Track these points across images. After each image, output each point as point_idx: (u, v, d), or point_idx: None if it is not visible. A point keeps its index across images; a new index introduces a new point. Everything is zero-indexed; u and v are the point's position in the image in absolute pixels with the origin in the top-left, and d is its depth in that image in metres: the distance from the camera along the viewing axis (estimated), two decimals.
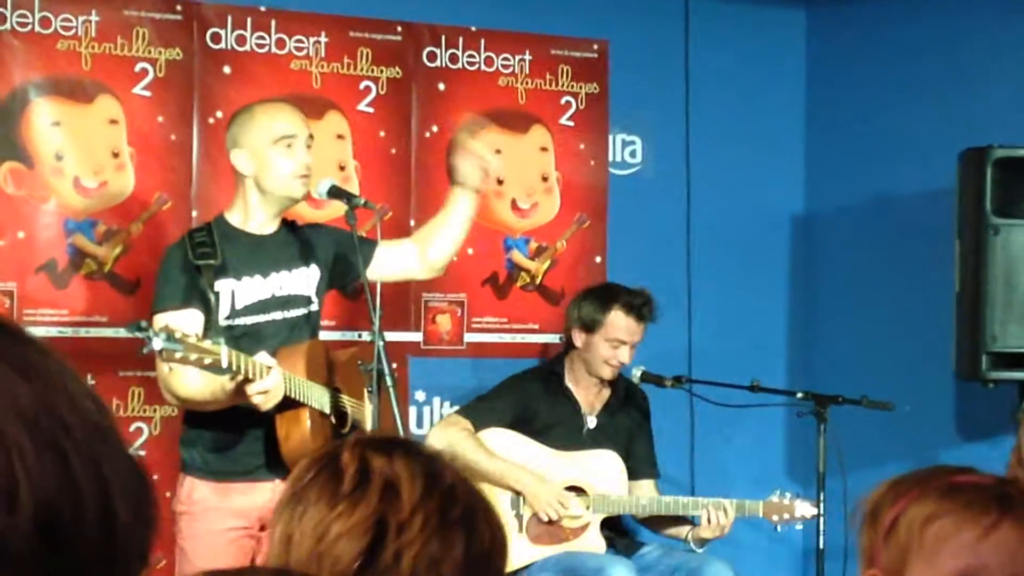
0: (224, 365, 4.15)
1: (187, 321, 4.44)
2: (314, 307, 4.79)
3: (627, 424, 5.85)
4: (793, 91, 6.87)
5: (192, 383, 4.38)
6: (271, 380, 4.30)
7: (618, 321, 5.70)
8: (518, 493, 5.59)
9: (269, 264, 4.69)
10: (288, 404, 4.41)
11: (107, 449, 0.86)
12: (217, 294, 4.58)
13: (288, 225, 4.81)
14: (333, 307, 5.62)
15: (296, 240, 4.80)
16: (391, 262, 4.93)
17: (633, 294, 5.78)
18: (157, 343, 4.02)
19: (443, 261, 5.03)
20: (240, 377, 4.24)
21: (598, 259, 6.48)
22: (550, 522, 5.60)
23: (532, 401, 5.73)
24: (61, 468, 0.82)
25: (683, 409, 6.40)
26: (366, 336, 5.65)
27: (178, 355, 4.06)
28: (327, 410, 4.62)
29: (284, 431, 4.46)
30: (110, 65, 5.64)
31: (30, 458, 0.80)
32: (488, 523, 1.75)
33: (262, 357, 4.35)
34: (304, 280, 4.76)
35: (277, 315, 4.68)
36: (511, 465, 5.58)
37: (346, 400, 4.76)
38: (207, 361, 4.11)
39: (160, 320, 4.44)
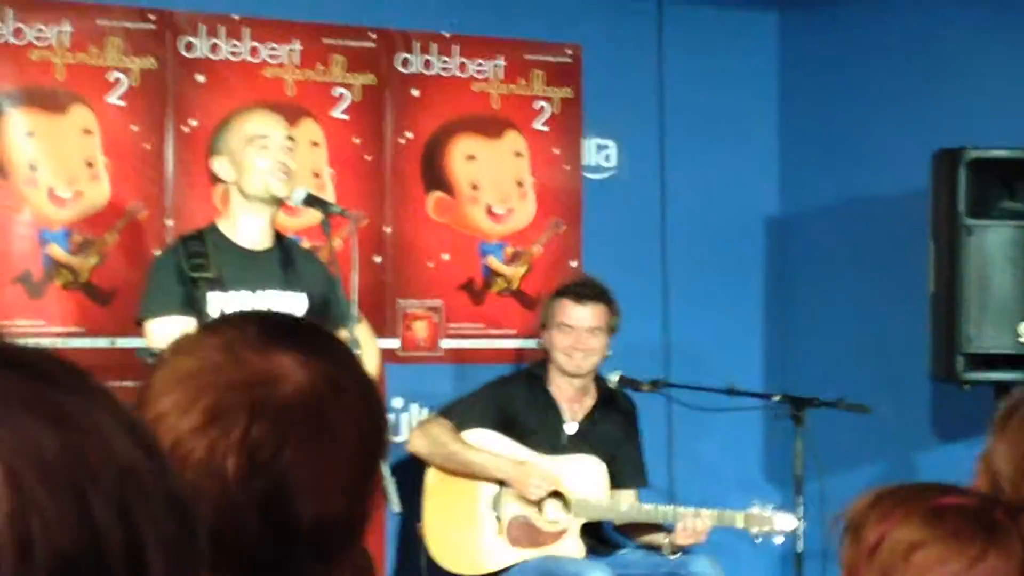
0: None
1: (182, 329, 4.44)
2: None
3: (611, 432, 5.84)
4: (766, 94, 6.89)
5: None
6: None
7: (560, 306, 5.73)
8: (501, 482, 5.60)
9: (261, 281, 4.69)
10: None
11: (141, 492, 0.83)
12: (209, 308, 4.57)
13: (281, 243, 4.82)
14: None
15: (289, 262, 4.80)
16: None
17: (576, 281, 5.83)
18: None
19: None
20: None
21: (574, 263, 6.49)
22: (529, 526, 5.61)
23: (513, 404, 5.73)
24: (82, 518, 0.80)
25: (660, 413, 6.41)
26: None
27: None
28: None
29: None
30: (83, 75, 5.62)
31: (47, 509, 0.79)
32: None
33: None
34: (292, 304, 4.76)
35: None
36: (493, 455, 5.59)
37: None
38: None
39: (153, 328, 4.45)
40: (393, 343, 6.11)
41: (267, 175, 4.64)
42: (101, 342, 5.57)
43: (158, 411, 1.54)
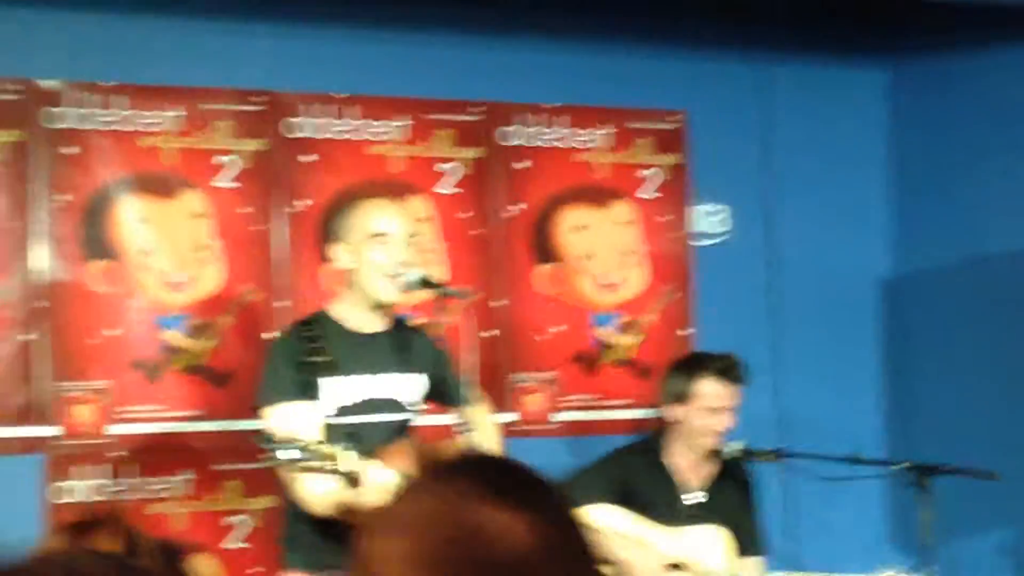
0: (344, 471, 4.15)
1: (302, 414, 4.42)
2: (415, 416, 4.74)
3: (730, 501, 5.76)
4: (876, 152, 6.81)
5: (317, 491, 4.36)
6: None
7: (708, 388, 5.63)
8: (617, 564, 5.53)
9: (376, 364, 4.65)
10: None
11: None
12: (322, 392, 4.53)
13: (395, 324, 4.77)
14: None
15: (404, 342, 4.76)
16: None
17: (719, 358, 5.71)
18: (283, 455, 4.01)
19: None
20: (359, 484, 4.21)
21: (686, 331, 6.43)
22: None
23: (631, 476, 5.67)
24: None
25: (780, 482, 6.32)
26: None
27: (301, 464, 4.06)
28: None
29: None
30: (192, 159, 5.66)
31: None
32: None
33: (379, 471, 4.28)
34: (409, 385, 4.72)
35: (380, 417, 4.64)
36: (614, 535, 5.53)
37: None
38: (328, 468, 4.11)
39: (272, 415, 4.43)
40: (508, 417, 6.07)
41: (384, 278, 4.60)
42: (219, 425, 5.58)
43: (374, 553, 1.53)
